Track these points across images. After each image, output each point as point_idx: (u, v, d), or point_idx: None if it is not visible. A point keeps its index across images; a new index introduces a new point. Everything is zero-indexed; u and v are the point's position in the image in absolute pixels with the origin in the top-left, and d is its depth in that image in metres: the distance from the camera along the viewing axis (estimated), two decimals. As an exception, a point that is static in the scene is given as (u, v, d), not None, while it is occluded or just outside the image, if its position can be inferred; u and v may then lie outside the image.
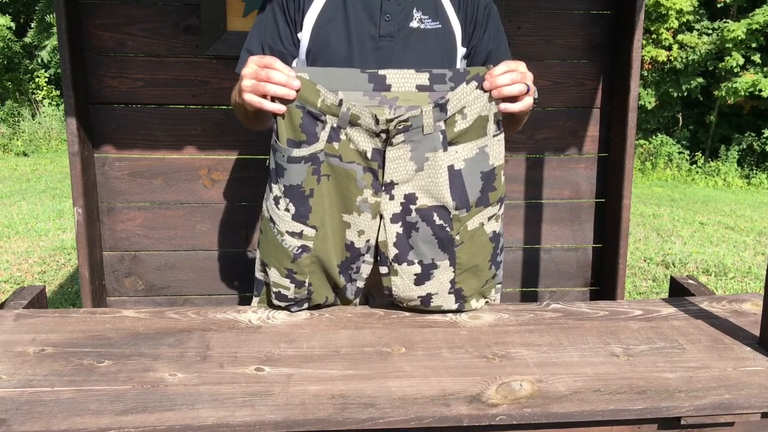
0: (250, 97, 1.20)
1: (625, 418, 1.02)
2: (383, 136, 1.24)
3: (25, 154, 10.45)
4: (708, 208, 7.49)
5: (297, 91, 1.20)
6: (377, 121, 1.23)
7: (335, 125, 1.23)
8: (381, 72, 1.24)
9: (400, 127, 1.23)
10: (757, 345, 1.21)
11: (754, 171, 10.89)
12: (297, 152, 1.23)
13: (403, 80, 1.25)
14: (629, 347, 1.20)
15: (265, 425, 0.95)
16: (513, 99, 1.25)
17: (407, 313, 1.36)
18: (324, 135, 1.23)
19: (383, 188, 1.28)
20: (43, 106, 12.17)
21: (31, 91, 12.52)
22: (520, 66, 1.24)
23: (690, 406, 1.01)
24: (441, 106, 1.23)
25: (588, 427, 1.02)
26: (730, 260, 4.86)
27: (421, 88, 1.25)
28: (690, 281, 1.67)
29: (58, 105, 12.15)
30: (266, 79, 1.18)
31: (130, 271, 2.17)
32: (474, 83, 1.23)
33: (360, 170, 1.26)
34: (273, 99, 1.21)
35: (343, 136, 1.24)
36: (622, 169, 2.14)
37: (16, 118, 11.53)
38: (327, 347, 1.19)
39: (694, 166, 11.32)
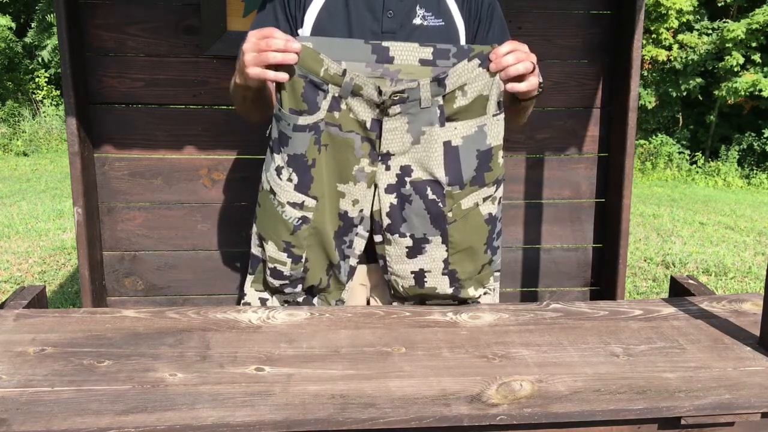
0: (254, 70, 1.19)
1: (625, 418, 1.01)
2: (382, 106, 1.25)
3: (25, 154, 10.45)
4: (708, 208, 7.49)
5: (297, 54, 1.19)
6: (380, 92, 1.23)
7: (337, 95, 1.23)
8: (384, 44, 1.25)
9: (395, 98, 1.23)
10: (757, 345, 1.21)
11: (754, 171, 10.88)
12: (302, 120, 1.23)
13: (406, 53, 1.25)
14: (629, 347, 1.20)
15: (265, 425, 0.95)
16: (519, 79, 1.25)
17: (407, 313, 1.36)
18: (325, 104, 1.23)
19: (380, 158, 1.28)
20: (44, 106, 12.18)
21: (31, 91, 12.52)
22: (524, 47, 1.25)
23: (690, 406, 1.01)
24: (439, 81, 1.23)
25: (588, 427, 1.02)
26: (730, 260, 4.86)
27: (423, 62, 1.25)
28: (690, 281, 1.66)
29: (58, 105, 12.15)
30: (266, 48, 1.18)
31: (130, 271, 2.17)
32: (476, 61, 1.23)
33: (358, 140, 1.27)
34: (276, 69, 1.20)
35: (343, 106, 1.24)
36: (622, 169, 2.14)
37: (17, 118, 11.54)
38: (327, 347, 1.19)
39: (694, 166, 11.32)
